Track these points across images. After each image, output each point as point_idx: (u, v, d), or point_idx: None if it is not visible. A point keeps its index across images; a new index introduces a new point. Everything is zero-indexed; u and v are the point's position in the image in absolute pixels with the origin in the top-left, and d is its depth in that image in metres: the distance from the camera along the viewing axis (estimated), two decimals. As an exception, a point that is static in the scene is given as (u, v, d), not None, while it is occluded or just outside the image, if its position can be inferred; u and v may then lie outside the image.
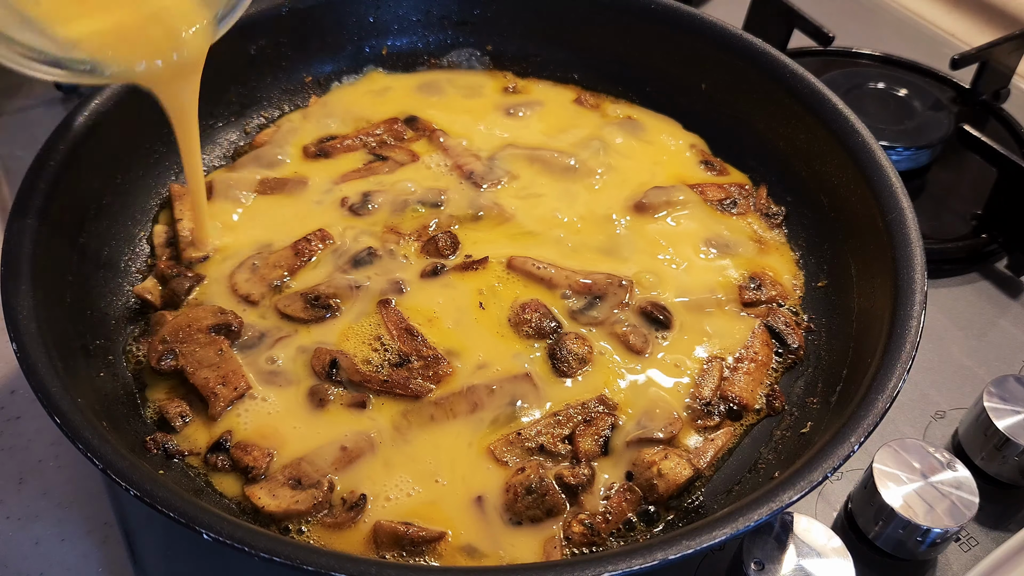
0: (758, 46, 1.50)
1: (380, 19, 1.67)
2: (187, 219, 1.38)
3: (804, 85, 1.44)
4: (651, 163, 1.54)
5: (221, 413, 1.16)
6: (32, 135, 1.69)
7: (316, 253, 1.35)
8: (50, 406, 0.99)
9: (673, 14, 1.58)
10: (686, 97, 1.61)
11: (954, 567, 1.19)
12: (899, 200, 1.25)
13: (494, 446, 1.14)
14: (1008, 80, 1.91)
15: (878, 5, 2.30)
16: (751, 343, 1.28)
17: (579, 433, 1.15)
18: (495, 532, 1.07)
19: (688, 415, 1.20)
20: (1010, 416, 1.23)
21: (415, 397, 1.18)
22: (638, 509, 1.11)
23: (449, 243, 1.37)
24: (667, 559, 0.89)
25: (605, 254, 1.38)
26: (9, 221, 1.15)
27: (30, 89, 1.84)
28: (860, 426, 1.01)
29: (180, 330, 1.22)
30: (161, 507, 0.92)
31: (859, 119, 1.36)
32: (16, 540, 1.17)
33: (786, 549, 1.08)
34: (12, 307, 1.07)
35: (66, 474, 1.24)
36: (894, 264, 1.19)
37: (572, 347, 1.23)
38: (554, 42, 1.69)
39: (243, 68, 1.57)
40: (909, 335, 1.09)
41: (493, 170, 1.50)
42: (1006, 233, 1.57)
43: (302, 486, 1.09)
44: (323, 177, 1.48)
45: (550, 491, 1.08)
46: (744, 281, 1.36)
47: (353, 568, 0.88)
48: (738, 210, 1.47)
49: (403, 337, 1.24)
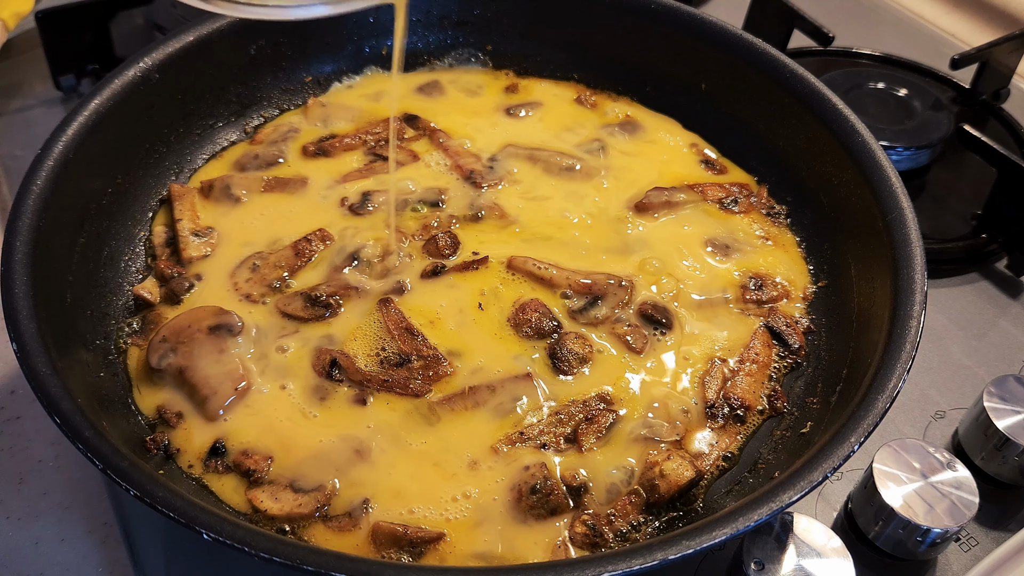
0: (758, 46, 1.50)
1: (380, 19, 1.66)
2: (187, 219, 1.38)
3: (804, 85, 1.43)
4: (651, 163, 1.54)
5: (221, 413, 1.16)
6: (32, 135, 1.70)
7: (316, 253, 1.35)
8: (50, 406, 0.99)
9: (673, 14, 1.58)
10: (686, 97, 1.61)
11: (954, 567, 1.19)
12: (899, 200, 1.25)
13: (496, 445, 1.14)
14: (1008, 80, 1.91)
15: (878, 5, 2.30)
16: (752, 344, 1.28)
17: (582, 431, 1.15)
18: (499, 532, 1.07)
19: (691, 416, 1.20)
20: (1010, 416, 1.23)
21: (415, 396, 1.18)
22: (642, 510, 1.11)
23: (449, 243, 1.37)
24: (667, 559, 0.89)
25: (605, 254, 1.38)
26: (9, 221, 1.15)
27: (30, 89, 1.84)
28: (860, 426, 1.01)
29: (180, 330, 1.22)
30: (161, 507, 0.91)
31: (859, 119, 1.36)
32: (16, 540, 1.17)
33: (786, 549, 1.08)
34: (12, 307, 1.07)
35: (66, 474, 1.24)
36: (894, 264, 1.19)
37: (572, 347, 1.23)
38: (554, 42, 1.69)
39: (243, 68, 1.56)
40: (909, 335, 1.09)
41: (493, 170, 1.50)
42: (1006, 233, 1.57)
43: (304, 489, 1.09)
44: (323, 176, 1.48)
45: (555, 490, 1.08)
46: (745, 281, 1.36)
47: (353, 568, 0.88)
48: (739, 209, 1.47)
49: (403, 337, 1.24)
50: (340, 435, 1.15)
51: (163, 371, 1.20)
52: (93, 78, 1.82)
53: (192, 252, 1.35)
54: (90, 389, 1.12)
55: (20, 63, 1.88)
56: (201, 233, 1.37)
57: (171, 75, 1.43)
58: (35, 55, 1.82)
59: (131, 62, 1.39)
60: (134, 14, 1.87)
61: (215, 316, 1.24)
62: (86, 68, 1.82)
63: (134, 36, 1.86)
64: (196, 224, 1.39)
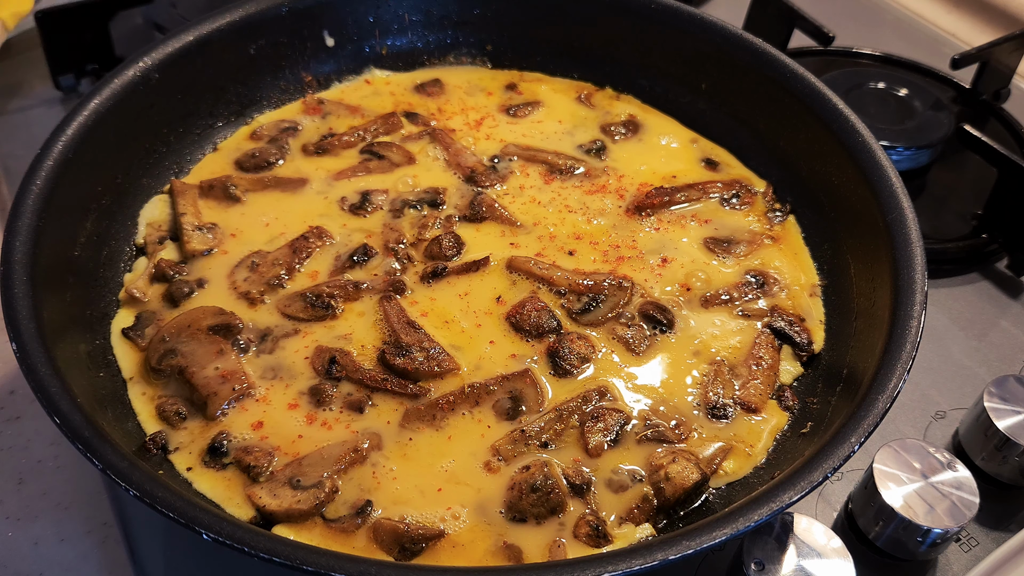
0: (758, 46, 1.50)
1: (380, 19, 1.66)
2: (190, 214, 1.38)
3: (804, 85, 1.43)
4: (652, 162, 1.55)
5: (221, 413, 1.16)
6: (32, 135, 1.70)
7: (314, 251, 1.35)
8: (50, 406, 0.99)
9: (673, 14, 1.58)
10: (686, 97, 1.61)
11: (954, 567, 1.19)
12: (899, 200, 1.25)
13: (497, 444, 1.14)
14: (1008, 80, 1.91)
15: (878, 5, 2.30)
16: (756, 344, 1.28)
17: (588, 430, 1.15)
18: (499, 530, 1.07)
19: (694, 416, 1.20)
20: (1010, 416, 1.23)
21: (415, 397, 1.18)
22: (649, 515, 1.10)
23: (453, 243, 1.37)
24: (667, 559, 0.89)
25: (606, 254, 1.38)
26: (9, 221, 1.15)
27: (30, 89, 1.84)
28: (860, 426, 1.01)
29: (181, 330, 1.22)
30: (161, 507, 0.91)
31: (859, 119, 1.36)
32: (16, 540, 1.17)
33: (786, 549, 1.08)
34: (12, 307, 1.07)
35: (66, 474, 1.24)
36: (894, 264, 1.19)
37: (573, 346, 1.23)
38: (554, 42, 1.69)
39: (243, 68, 1.56)
40: (909, 335, 1.09)
41: (494, 170, 1.50)
42: (1006, 233, 1.57)
43: (303, 486, 1.09)
44: (322, 175, 1.49)
45: (555, 489, 1.08)
46: (747, 279, 1.36)
47: (353, 568, 0.88)
48: (740, 208, 1.47)
49: (405, 330, 1.24)
50: (340, 434, 1.15)
51: (163, 371, 1.20)
52: (93, 78, 1.82)
53: (196, 245, 1.35)
54: (90, 389, 1.12)
55: (20, 63, 1.88)
56: (204, 228, 1.37)
57: (171, 75, 1.43)
58: (35, 55, 1.83)
59: (131, 62, 1.39)
60: (134, 14, 1.87)
61: (215, 316, 1.24)
62: (85, 68, 1.82)
63: (134, 36, 1.86)
64: (199, 219, 1.39)
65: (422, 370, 1.20)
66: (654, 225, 1.43)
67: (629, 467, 1.13)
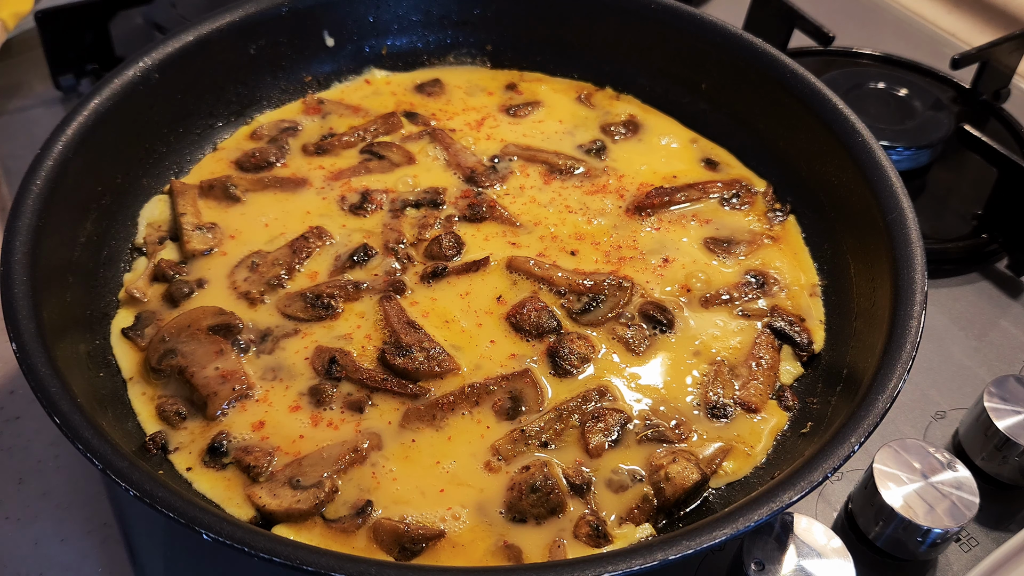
0: (758, 46, 1.50)
1: (380, 19, 1.66)
2: (190, 214, 1.38)
3: (804, 85, 1.43)
4: (652, 162, 1.55)
5: (221, 413, 1.16)
6: (32, 135, 1.71)
7: (314, 251, 1.35)
8: (50, 406, 0.99)
9: (673, 14, 1.58)
10: (686, 97, 1.61)
11: (954, 567, 1.19)
12: (899, 200, 1.25)
13: (497, 444, 1.14)
14: (1008, 80, 1.91)
15: (878, 5, 2.30)
16: (757, 343, 1.28)
17: (589, 430, 1.15)
18: (499, 530, 1.07)
19: (694, 416, 1.20)
20: (1010, 416, 1.23)
21: (414, 397, 1.18)
22: (649, 515, 1.10)
23: (453, 243, 1.37)
24: (667, 559, 0.89)
25: (606, 254, 1.38)
26: (9, 221, 1.15)
27: (30, 89, 1.84)
28: (860, 426, 1.01)
29: (181, 330, 1.22)
30: (161, 507, 0.91)
31: (859, 119, 1.36)
32: (15, 540, 1.17)
33: (786, 549, 1.08)
34: (12, 307, 1.07)
35: (66, 474, 1.24)
36: (894, 264, 1.19)
37: (573, 346, 1.23)
38: (554, 42, 1.69)
39: (243, 68, 1.56)
40: (909, 335, 1.09)
41: (494, 170, 1.50)
42: (1006, 233, 1.57)
43: (303, 486, 1.09)
44: (322, 175, 1.49)
45: (554, 489, 1.08)
46: (747, 279, 1.36)
47: (353, 568, 0.88)
48: (741, 208, 1.47)
49: (405, 330, 1.24)
50: (340, 434, 1.15)
51: (163, 371, 1.20)
52: (93, 78, 1.82)
53: (196, 245, 1.35)
54: (90, 389, 1.12)
55: (20, 63, 1.88)
56: (204, 228, 1.37)
57: (171, 75, 1.43)
58: (35, 55, 1.83)
59: (131, 62, 1.39)
60: (134, 14, 1.87)
61: (215, 316, 1.24)
62: (86, 68, 1.82)
63: (134, 36, 1.86)
64: (199, 219, 1.39)
65: (422, 370, 1.20)
66: (654, 225, 1.43)
67: (629, 467, 1.13)
